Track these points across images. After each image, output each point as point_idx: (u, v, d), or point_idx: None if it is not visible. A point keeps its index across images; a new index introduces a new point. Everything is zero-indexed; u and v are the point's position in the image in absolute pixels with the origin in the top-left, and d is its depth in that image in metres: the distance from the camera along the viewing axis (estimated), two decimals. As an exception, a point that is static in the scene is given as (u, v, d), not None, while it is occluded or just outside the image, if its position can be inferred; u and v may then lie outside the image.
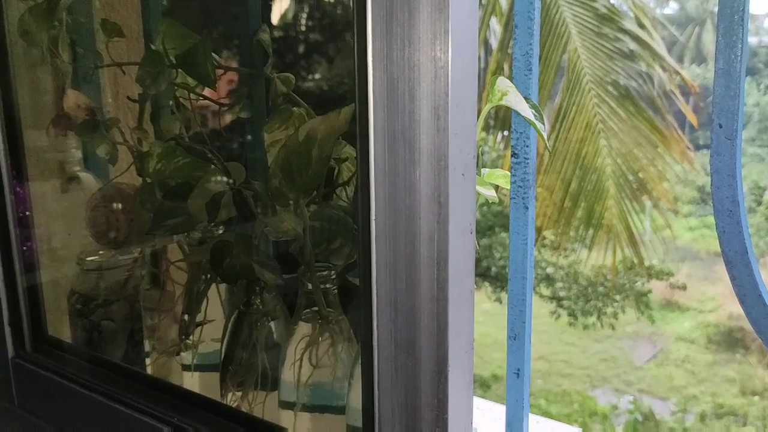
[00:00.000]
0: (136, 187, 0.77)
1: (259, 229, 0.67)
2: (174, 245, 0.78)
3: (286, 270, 0.69)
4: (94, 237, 0.77)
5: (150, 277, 0.80)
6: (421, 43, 0.39)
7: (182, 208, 0.72)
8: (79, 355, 0.75)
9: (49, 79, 0.82)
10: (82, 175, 0.85)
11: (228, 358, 0.72)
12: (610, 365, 6.55)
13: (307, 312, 0.66)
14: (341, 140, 0.64)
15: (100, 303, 0.79)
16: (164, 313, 0.80)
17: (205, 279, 0.74)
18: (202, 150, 0.70)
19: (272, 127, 0.68)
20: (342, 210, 0.66)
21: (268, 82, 0.71)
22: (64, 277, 0.84)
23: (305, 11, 0.98)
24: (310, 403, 0.67)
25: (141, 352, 0.80)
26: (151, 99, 0.76)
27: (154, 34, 0.76)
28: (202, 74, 0.66)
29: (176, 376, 0.79)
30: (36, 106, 0.82)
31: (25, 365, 0.74)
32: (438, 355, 0.42)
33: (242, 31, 0.76)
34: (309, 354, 0.66)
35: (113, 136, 0.75)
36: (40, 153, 0.82)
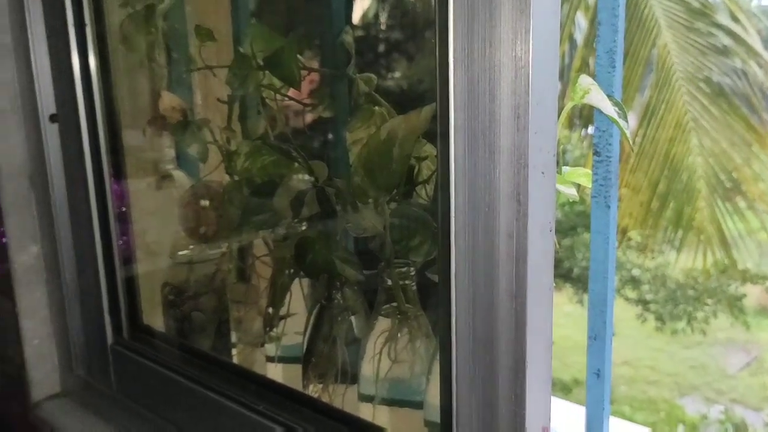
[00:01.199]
0: (224, 185, 0.80)
1: (340, 225, 0.69)
2: (259, 240, 0.81)
3: (366, 266, 0.70)
4: (185, 232, 0.81)
5: (237, 270, 0.83)
6: (502, 42, 0.40)
7: (268, 205, 0.75)
8: (171, 344, 0.79)
9: (146, 82, 0.87)
10: (174, 173, 0.90)
11: (310, 351, 0.74)
12: (699, 373, 6.27)
13: (387, 307, 0.68)
14: (421, 139, 0.65)
15: (191, 295, 0.83)
16: (250, 306, 0.83)
17: (288, 273, 0.76)
18: (286, 149, 0.73)
19: (354, 127, 0.69)
20: (421, 208, 0.66)
21: (350, 83, 0.72)
22: (158, 269, 0.89)
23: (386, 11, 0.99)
24: (388, 396, 0.68)
25: (228, 343, 0.84)
26: (239, 100, 0.79)
27: (242, 37, 0.79)
28: (287, 75, 0.68)
29: (260, 367, 0.82)
30: (133, 108, 0.87)
31: (122, 351, 0.78)
32: (516, 351, 0.42)
33: (326, 32, 0.78)
34: (388, 349, 0.67)
35: (204, 136, 0.79)
36: (137, 152, 0.87)
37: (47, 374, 0.86)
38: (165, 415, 0.72)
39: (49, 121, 0.78)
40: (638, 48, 3.38)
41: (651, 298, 6.25)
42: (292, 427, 0.58)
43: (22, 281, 0.83)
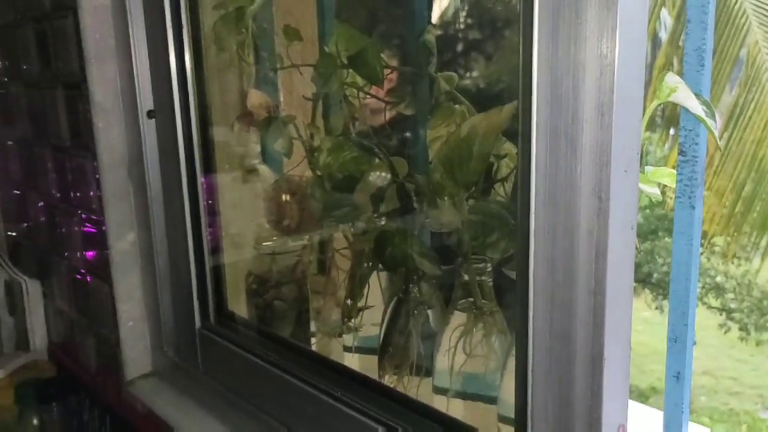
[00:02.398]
0: (307, 179, 0.83)
1: (419, 220, 0.71)
2: (339, 234, 0.83)
3: (443, 261, 0.71)
4: (269, 224, 0.85)
5: (317, 262, 0.86)
6: (587, 40, 0.40)
7: (348, 200, 0.77)
8: (253, 330, 0.83)
9: (234, 80, 0.91)
10: (260, 167, 0.94)
11: (386, 343, 0.76)
12: (786, 387, 5.95)
13: (463, 302, 0.69)
14: (501, 137, 0.65)
15: (273, 284, 0.87)
16: (328, 297, 0.85)
17: (367, 266, 0.78)
18: (368, 145, 0.75)
19: (435, 124, 0.71)
20: (499, 205, 0.67)
21: (431, 81, 0.74)
22: (242, 259, 0.93)
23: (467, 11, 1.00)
24: (462, 390, 0.69)
25: (307, 332, 0.87)
26: (323, 97, 0.82)
27: (327, 37, 0.82)
28: (371, 74, 0.70)
29: (337, 356, 0.85)
30: (223, 105, 0.91)
31: (208, 335, 0.83)
32: (594, 347, 0.42)
33: (408, 31, 0.80)
34: (463, 343, 0.68)
35: (289, 132, 0.82)
36: (225, 147, 0.91)
37: (140, 354, 0.91)
38: (247, 396, 0.75)
39: (147, 117, 0.82)
40: (727, 46, 3.24)
41: (735, 306, 5.98)
42: (379, 419, 0.60)
43: (119, 267, 0.88)
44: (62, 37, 0.86)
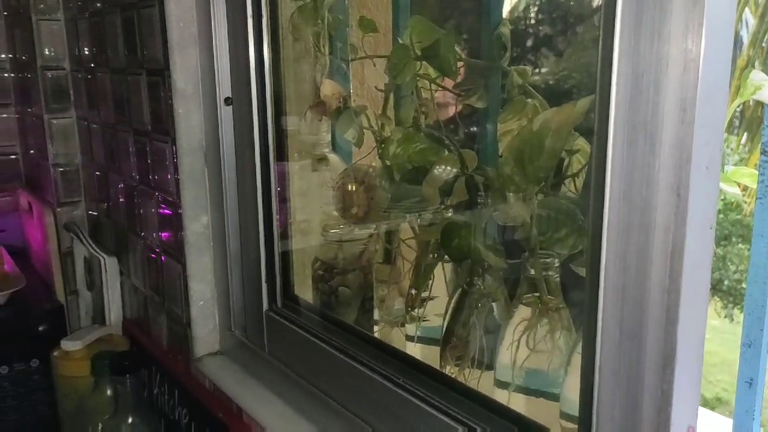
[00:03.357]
0: (376, 169, 0.84)
1: (487, 213, 0.71)
2: (406, 224, 0.84)
3: (509, 255, 0.71)
4: (337, 212, 0.86)
5: (383, 251, 0.88)
6: (672, 35, 0.40)
7: (417, 190, 0.78)
8: (318, 314, 0.85)
9: (308, 70, 0.92)
10: (330, 156, 0.96)
11: (449, 334, 0.76)
12: None
13: (528, 297, 0.69)
14: (574, 132, 0.65)
15: (339, 271, 0.88)
16: (393, 286, 0.87)
17: (432, 257, 0.79)
18: (438, 137, 0.75)
19: (506, 117, 0.71)
20: (570, 201, 0.66)
21: (504, 74, 0.74)
22: (310, 245, 0.95)
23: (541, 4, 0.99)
24: (524, 385, 0.69)
25: (370, 319, 0.88)
26: (395, 88, 0.82)
27: (401, 29, 0.82)
28: (444, 66, 0.71)
29: (399, 345, 0.86)
30: (296, 94, 0.93)
31: (275, 317, 0.85)
32: (665, 346, 0.42)
33: (482, 24, 0.80)
34: (526, 337, 0.68)
35: (360, 122, 0.83)
36: (297, 136, 0.93)
37: (208, 333, 0.95)
38: (311, 378, 0.77)
39: (224, 104, 0.85)
40: (816, 44, 3.08)
41: (812, 319, 5.70)
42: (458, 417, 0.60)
43: (193, 248, 0.92)
44: (148, 25, 0.90)
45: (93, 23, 1.10)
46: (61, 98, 1.25)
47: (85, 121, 1.23)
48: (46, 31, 1.22)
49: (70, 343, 1.06)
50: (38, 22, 1.21)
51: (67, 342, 1.06)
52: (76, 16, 1.17)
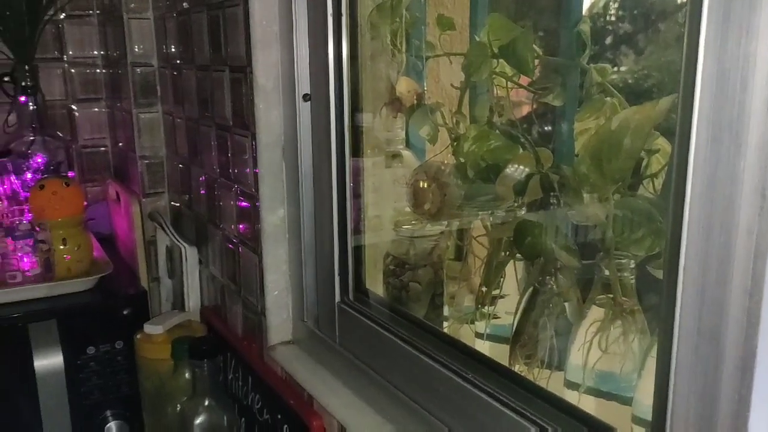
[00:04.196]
0: (449, 166, 0.85)
1: (561, 212, 0.70)
2: (478, 221, 0.84)
3: (583, 255, 0.71)
4: (410, 208, 0.87)
5: (454, 248, 0.88)
6: (761, 32, 0.39)
7: (490, 188, 0.78)
8: (389, 308, 0.86)
9: (384, 67, 0.94)
10: (404, 152, 0.97)
11: (519, 332, 0.76)
12: None
13: (601, 298, 0.68)
14: (654, 131, 0.64)
15: (410, 266, 0.89)
16: (463, 283, 0.87)
17: (504, 255, 0.79)
18: (513, 134, 0.75)
19: (584, 116, 0.70)
20: (648, 201, 0.65)
21: (582, 72, 0.73)
22: (382, 240, 0.96)
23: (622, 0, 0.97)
24: (596, 387, 0.69)
25: (440, 315, 0.89)
26: (471, 86, 0.83)
27: (479, 26, 0.83)
28: (522, 64, 0.71)
29: (468, 342, 0.86)
30: (372, 90, 0.95)
31: (346, 309, 0.87)
32: (745, 349, 0.41)
33: (561, 22, 0.79)
34: (599, 339, 0.67)
35: (435, 119, 0.84)
36: (372, 132, 0.95)
37: (282, 322, 0.98)
38: (381, 370, 0.79)
39: (303, 100, 0.88)
40: None
41: None
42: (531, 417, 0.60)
43: (269, 239, 0.95)
44: (232, 24, 0.93)
45: (180, 21, 1.15)
46: (148, 94, 1.31)
47: (170, 115, 1.29)
48: (136, 29, 1.28)
49: (152, 327, 1.11)
50: (129, 21, 1.27)
51: (150, 326, 1.12)
52: (164, 14, 1.22)
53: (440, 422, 0.68)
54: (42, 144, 1.36)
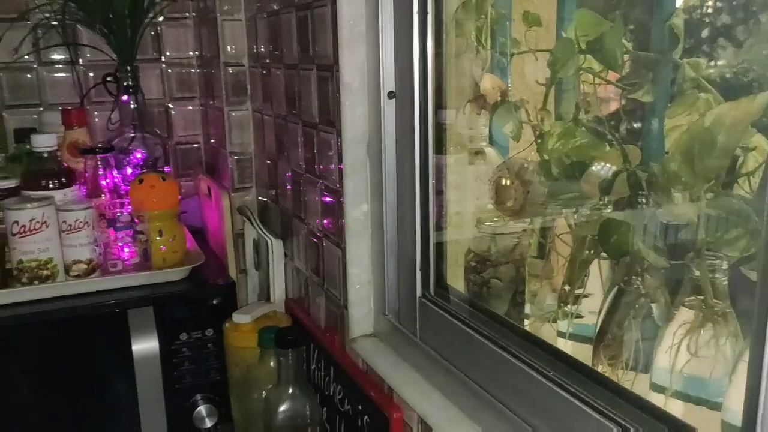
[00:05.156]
0: (533, 163, 0.84)
1: (649, 211, 0.69)
2: (561, 219, 0.83)
3: (672, 255, 0.69)
4: (493, 205, 0.87)
5: (537, 246, 0.87)
6: None
7: (574, 186, 0.77)
8: (469, 304, 0.87)
9: (468, 64, 0.94)
10: (486, 149, 0.97)
11: (603, 332, 0.75)
12: None
13: (691, 299, 0.66)
14: (750, 128, 0.61)
15: (491, 263, 0.89)
16: (546, 281, 0.86)
17: (588, 253, 0.78)
18: (600, 131, 0.74)
19: (675, 112, 0.68)
20: (743, 200, 0.63)
21: (675, 67, 0.71)
22: (463, 237, 0.97)
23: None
24: (683, 391, 0.67)
25: (521, 313, 0.89)
26: (556, 82, 0.82)
27: (566, 22, 0.82)
28: (610, 60, 0.70)
29: (550, 341, 0.85)
30: (456, 87, 0.95)
31: (427, 304, 0.88)
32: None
33: (653, 15, 0.77)
34: (688, 342, 0.65)
35: (519, 116, 0.84)
36: (455, 129, 0.95)
37: (364, 316, 1.00)
38: (461, 365, 0.79)
39: (387, 98, 0.89)
40: None
41: None
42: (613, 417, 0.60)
43: (352, 234, 0.97)
44: (320, 23, 0.96)
45: (270, 22, 1.19)
46: (239, 92, 1.37)
47: (259, 113, 1.33)
48: (229, 30, 1.33)
49: (240, 316, 1.16)
50: (222, 23, 1.33)
51: (238, 315, 1.17)
52: (255, 15, 1.27)
53: (518, 417, 0.68)
54: (141, 141, 1.44)
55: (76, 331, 1.19)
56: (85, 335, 1.20)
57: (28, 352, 1.18)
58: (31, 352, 1.18)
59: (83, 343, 1.20)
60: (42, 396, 1.19)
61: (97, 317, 1.20)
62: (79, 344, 1.20)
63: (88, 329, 1.19)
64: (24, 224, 1.15)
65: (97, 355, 1.21)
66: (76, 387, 1.21)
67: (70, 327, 1.19)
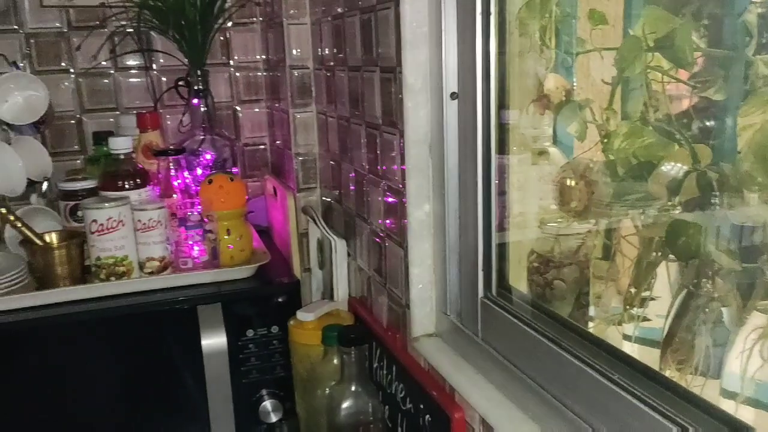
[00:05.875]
0: (598, 163, 0.83)
1: (720, 212, 0.67)
2: (627, 220, 0.82)
3: (744, 257, 0.67)
4: (557, 205, 0.87)
5: (602, 247, 0.86)
6: None
7: (641, 186, 0.75)
8: (532, 305, 0.86)
9: (532, 64, 0.93)
10: (550, 150, 0.96)
11: (671, 336, 0.73)
12: None
13: (764, 303, 0.64)
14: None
15: (555, 264, 0.89)
16: (611, 283, 0.85)
17: (655, 255, 0.76)
18: (669, 131, 0.72)
19: (748, 111, 0.66)
20: (821, 202, 0.61)
21: (747, 64, 0.69)
22: (526, 238, 0.96)
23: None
24: (755, 398, 0.65)
25: (585, 315, 0.87)
26: (623, 81, 0.80)
27: (633, 19, 0.80)
28: (680, 57, 0.68)
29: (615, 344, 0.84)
30: (519, 88, 0.95)
31: (489, 305, 0.88)
32: None
33: (725, 10, 0.75)
34: (760, 347, 0.63)
35: (584, 116, 0.83)
36: (518, 129, 0.95)
37: (425, 315, 1.00)
38: (523, 367, 0.79)
39: (450, 98, 0.90)
40: None
41: None
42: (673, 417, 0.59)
43: (415, 234, 0.98)
44: (383, 26, 0.97)
45: (334, 25, 1.21)
46: (303, 94, 1.40)
47: (323, 115, 1.36)
48: (294, 34, 1.36)
49: (305, 314, 1.19)
50: (288, 26, 1.36)
51: (302, 313, 1.19)
52: (320, 19, 1.29)
53: (578, 418, 0.68)
54: (211, 142, 1.49)
55: (149, 326, 1.24)
56: (157, 330, 1.25)
57: (105, 345, 1.23)
58: (107, 345, 1.24)
59: (155, 337, 1.25)
60: (116, 387, 1.25)
61: (168, 313, 1.25)
62: (151, 339, 1.25)
63: (160, 324, 1.25)
64: (102, 223, 1.21)
65: (169, 349, 1.26)
66: (148, 379, 1.26)
67: (144, 322, 1.24)
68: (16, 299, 1.20)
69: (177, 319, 1.25)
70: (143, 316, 1.24)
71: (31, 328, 1.19)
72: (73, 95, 1.61)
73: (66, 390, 1.22)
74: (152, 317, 1.24)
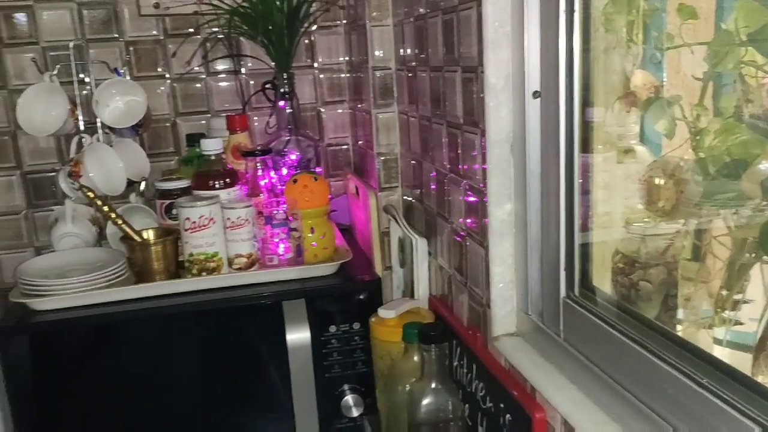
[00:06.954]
0: (687, 162, 0.81)
1: (820, 212, 0.64)
2: (719, 220, 0.79)
3: None
4: (644, 205, 0.85)
5: (691, 247, 0.83)
6: None
7: (734, 185, 0.73)
8: (616, 306, 0.84)
9: (617, 60, 0.92)
10: (637, 148, 0.93)
11: (764, 341, 0.70)
12: None
13: None
14: None
15: (641, 265, 0.87)
16: (701, 285, 0.82)
17: (749, 257, 0.74)
18: (764, 128, 0.70)
19: None
20: None
21: None
22: (610, 238, 0.94)
23: None
24: None
25: (673, 317, 0.85)
26: (714, 77, 0.78)
27: (725, 13, 0.77)
28: (775, 51, 0.65)
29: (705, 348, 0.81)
30: (604, 85, 0.93)
31: (572, 305, 0.87)
32: None
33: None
34: None
35: (673, 113, 0.81)
36: (603, 127, 0.93)
37: (506, 314, 1.00)
38: (607, 369, 0.78)
39: (532, 97, 0.89)
40: None
41: None
42: (755, 417, 0.57)
43: (496, 233, 0.97)
44: (465, 26, 0.98)
45: (416, 26, 1.22)
46: (386, 95, 1.42)
47: (404, 115, 1.38)
48: (377, 36, 1.39)
49: (386, 311, 1.21)
50: (371, 29, 1.38)
51: (383, 310, 1.21)
52: (402, 20, 1.31)
53: (661, 418, 0.66)
54: (296, 143, 1.54)
55: (236, 321, 1.30)
56: (244, 324, 1.30)
57: (194, 337, 1.30)
58: (196, 337, 1.30)
59: (242, 331, 1.30)
60: (204, 378, 1.31)
61: (254, 308, 1.30)
62: (238, 332, 1.30)
63: (246, 319, 1.30)
64: (194, 221, 1.27)
65: (255, 343, 1.31)
66: (235, 371, 1.31)
67: (231, 317, 1.29)
68: (117, 292, 1.28)
69: (263, 314, 1.30)
70: (231, 310, 1.29)
71: (129, 319, 1.26)
72: (168, 99, 1.69)
73: (156, 378, 1.29)
74: (239, 312, 1.29)
